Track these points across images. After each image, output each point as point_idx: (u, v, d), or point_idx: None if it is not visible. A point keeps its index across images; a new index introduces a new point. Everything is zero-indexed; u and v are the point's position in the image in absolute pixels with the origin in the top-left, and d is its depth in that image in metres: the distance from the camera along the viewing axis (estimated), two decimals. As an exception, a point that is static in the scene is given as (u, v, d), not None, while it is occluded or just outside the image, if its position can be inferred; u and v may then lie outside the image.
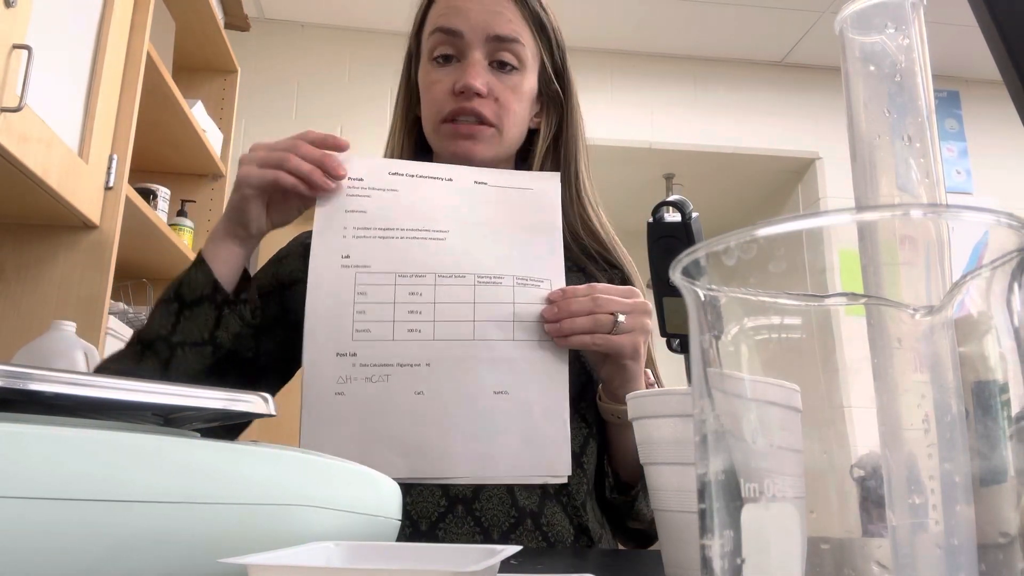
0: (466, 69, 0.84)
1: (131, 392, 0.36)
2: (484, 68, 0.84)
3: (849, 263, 0.23)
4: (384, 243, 0.73)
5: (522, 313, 0.72)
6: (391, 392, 0.69)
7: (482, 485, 0.74)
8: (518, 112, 0.86)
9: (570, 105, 0.92)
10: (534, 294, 0.72)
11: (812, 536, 0.22)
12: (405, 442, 0.68)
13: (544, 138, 0.91)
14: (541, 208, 0.77)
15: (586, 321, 0.70)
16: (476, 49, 0.84)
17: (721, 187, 3.89)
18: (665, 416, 0.48)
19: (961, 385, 0.22)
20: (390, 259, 0.72)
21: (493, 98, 0.84)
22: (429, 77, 0.87)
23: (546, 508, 0.75)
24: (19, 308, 1.48)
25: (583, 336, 0.70)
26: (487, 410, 0.69)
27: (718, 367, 0.23)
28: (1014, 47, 0.34)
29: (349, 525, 0.42)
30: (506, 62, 0.85)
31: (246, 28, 2.76)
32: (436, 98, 0.85)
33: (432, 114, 0.86)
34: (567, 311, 0.70)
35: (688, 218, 0.55)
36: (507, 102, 0.85)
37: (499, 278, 0.72)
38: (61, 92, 1.39)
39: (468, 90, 0.82)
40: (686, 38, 3.46)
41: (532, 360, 0.71)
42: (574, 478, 0.76)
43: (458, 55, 0.85)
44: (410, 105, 0.93)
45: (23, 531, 0.30)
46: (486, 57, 0.85)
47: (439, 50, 0.86)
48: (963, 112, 3.68)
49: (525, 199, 0.77)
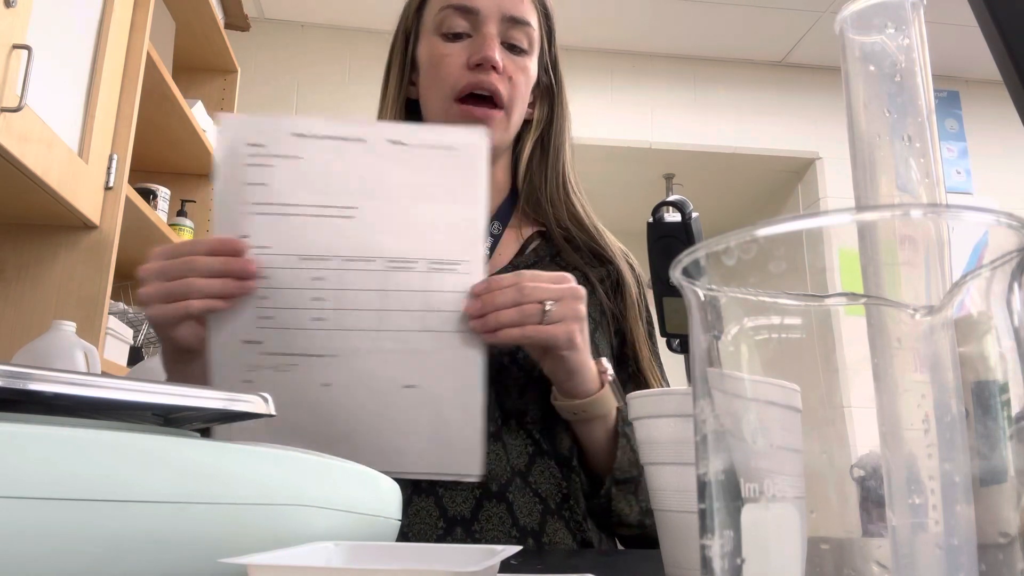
0: (484, 42, 0.81)
1: (131, 392, 0.36)
2: (499, 44, 0.82)
3: (849, 263, 0.23)
4: (286, 221, 0.65)
5: (436, 302, 0.65)
6: (297, 383, 0.65)
7: (480, 505, 0.72)
8: (524, 95, 0.85)
9: (560, 96, 0.91)
10: (449, 280, 0.66)
11: (812, 536, 0.22)
12: (314, 436, 0.64)
13: (535, 129, 0.90)
14: (464, 173, 0.68)
15: (512, 313, 0.64)
16: (491, 25, 0.82)
17: (721, 187, 3.89)
18: (665, 416, 0.48)
19: (961, 385, 0.22)
20: (292, 239, 0.65)
21: (507, 76, 0.82)
22: (438, 50, 0.83)
23: (548, 526, 0.73)
24: (19, 308, 1.48)
25: (511, 330, 0.64)
26: (395, 405, 0.65)
27: (718, 367, 0.23)
28: (1014, 47, 0.34)
29: (349, 525, 0.42)
30: (517, 44, 0.84)
31: (246, 28, 2.76)
32: (449, 72, 0.82)
33: (443, 89, 0.82)
34: (491, 304, 0.64)
35: (688, 218, 0.55)
36: (518, 83, 0.83)
37: (411, 263, 0.66)
38: (61, 92, 1.39)
39: (487, 62, 0.80)
40: (686, 38, 3.46)
41: (445, 353, 0.65)
42: (573, 489, 0.76)
43: (471, 32, 0.83)
44: (402, 85, 0.89)
45: (23, 531, 0.30)
46: (499, 36, 0.83)
47: (449, 25, 0.83)
48: (963, 112, 3.68)
49: (447, 162, 0.68)
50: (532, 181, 0.90)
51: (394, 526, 0.47)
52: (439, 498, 0.72)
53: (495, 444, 0.74)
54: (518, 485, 0.74)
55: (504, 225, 0.88)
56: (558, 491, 0.75)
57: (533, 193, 0.89)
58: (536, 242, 0.88)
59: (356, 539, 0.42)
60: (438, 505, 0.72)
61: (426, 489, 0.72)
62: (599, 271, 0.87)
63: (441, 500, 0.72)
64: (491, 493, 0.72)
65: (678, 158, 3.61)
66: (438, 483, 0.72)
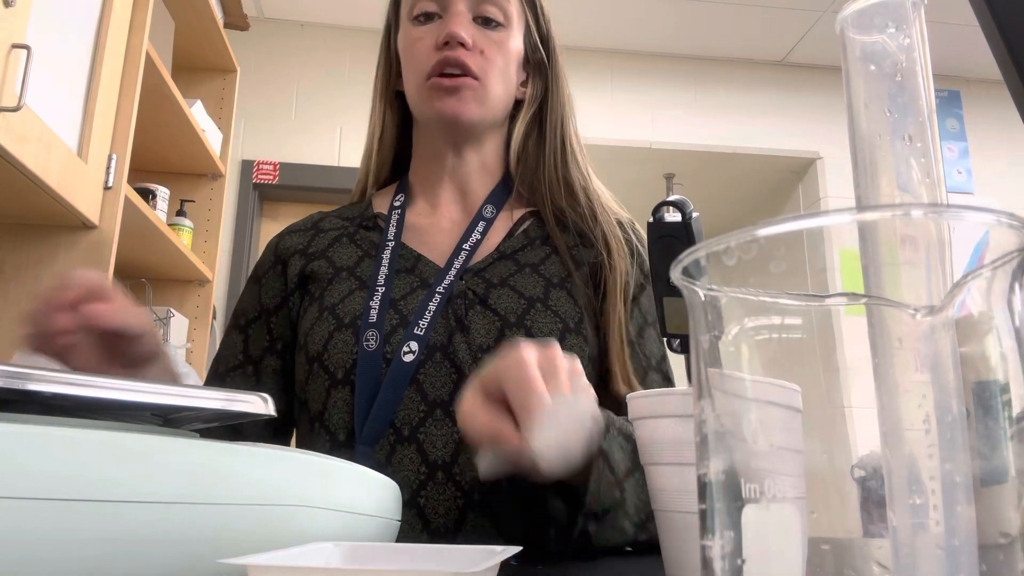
0: (449, 20, 0.81)
1: (130, 392, 0.36)
2: (468, 21, 0.82)
3: (849, 263, 0.23)
4: None
5: None
6: None
7: (464, 516, 0.69)
8: (503, 69, 0.84)
9: (555, 72, 0.90)
10: None
11: (813, 536, 0.22)
12: None
13: (528, 106, 0.88)
14: None
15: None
16: (459, 3, 0.82)
17: (721, 187, 3.89)
18: (665, 416, 0.48)
19: (962, 385, 0.22)
20: None
21: (478, 51, 0.82)
22: (410, 36, 0.84)
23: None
24: (19, 308, 1.48)
25: None
26: None
27: (718, 367, 0.23)
28: (1015, 47, 0.34)
29: (349, 525, 0.42)
30: (491, 17, 0.83)
31: (245, 28, 2.76)
32: (419, 56, 0.82)
33: (416, 74, 0.83)
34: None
35: (688, 218, 0.55)
36: (492, 55, 0.82)
37: None
38: (60, 92, 1.39)
39: (452, 39, 0.80)
40: (686, 38, 3.46)
41: None
42: None
43: (440, 12, 0.83)
44: (390, 79, 0.90)
45: (23, 531, 0.30)
46: (470, 11, 0.83)
47: (419, 8, 0.84)
48: (964, 112, 3.68)
49: None
50: (527, 163, 0.88)
51: (394, 526, 0.47)
52: (421, 509, 0.71)
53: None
54: (502, 492, 0.71)
55: (498, 209, 0.87)
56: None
57: (527, 174, 0.88)
58: (528, 223, 0.86)
59: (356, 539, 0.42)
60: (420, 517, 0.70)
61: (408, 501, 0.71)
62: (591, 251, 0.84)
63: (424, 511, 0.71)
64: (474, 503, 0.71)
65: (678, 158, 3.61)
66: (419, 494, 0.71)
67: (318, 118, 3.21)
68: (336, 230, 0.88)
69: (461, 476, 0.71)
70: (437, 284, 0.78)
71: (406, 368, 0.73)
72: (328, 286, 0.81)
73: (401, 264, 0.81)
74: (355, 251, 0.85)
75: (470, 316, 0.76)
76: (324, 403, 0.75)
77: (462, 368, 0.74)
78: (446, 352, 0.75)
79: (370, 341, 0.75)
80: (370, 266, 0.82)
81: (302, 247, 0.87)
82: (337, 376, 0.75)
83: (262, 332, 0.84)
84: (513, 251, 0.83)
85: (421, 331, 0.75)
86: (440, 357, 0.74)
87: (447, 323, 0.76)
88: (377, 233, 0.86)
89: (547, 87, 0.89)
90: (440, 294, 0.77)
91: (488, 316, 0.76)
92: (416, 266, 0.81)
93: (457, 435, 0.72)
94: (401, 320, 0.76)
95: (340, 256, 0.84)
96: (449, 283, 0.78)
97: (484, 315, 0.77)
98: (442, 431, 0.72)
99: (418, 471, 0.71)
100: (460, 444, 0.72)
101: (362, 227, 0.87)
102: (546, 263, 0.82)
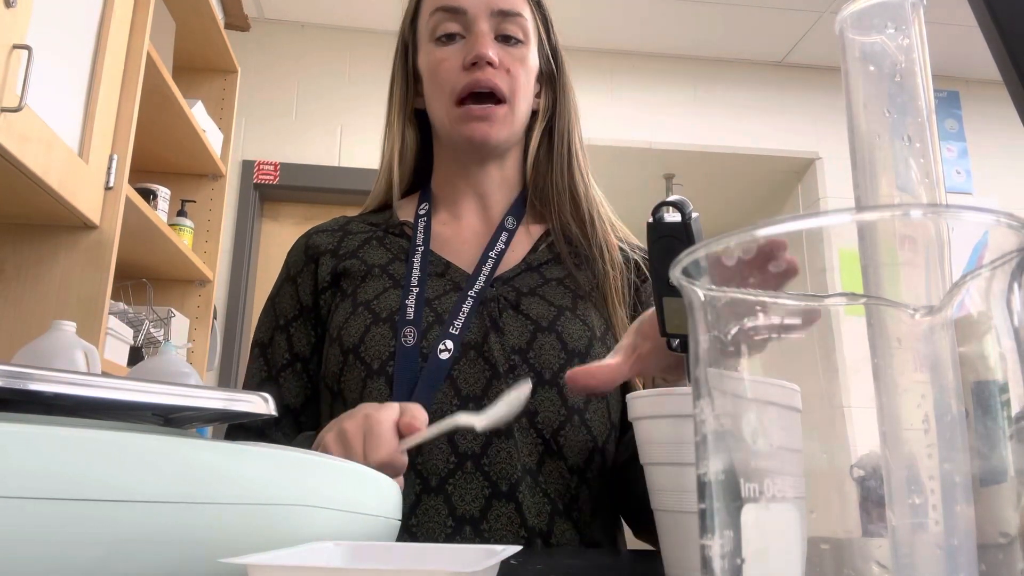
0: (476, 40, 0.82)
1: (131, 392, 0.36)
2: (492, 40, 0.83)
3: (849, 263, 0.23)
4: None
5: None
6: None
7: (489, 505, 0.72)
8: (526, 86, 0.86)
9: (563, 82, 0.91)
10: None
11: (812, 536, 0.22)
12: None
13: (541, 118, 0.90)
14: None
15: None
16: (482, 22, 0.83)
17: (721, 187, 3.89)
18: (664, 416, 0.48)
19: (961, 385, 0.22)
20: None
21: (504, 69, 0.83)
22: (434, 56, 0.85)
23: (556, 526, 0.73)
24: (19, 308, 1.48)
25: None
26: None
27: (718, 367, 0.23)
28: (1014, 47, 0.34)
29: (349, 525, 0.42)
30: (511, 35, 0.85)
31: (246, 28, 2.77)
32: (447, 77, 0.83)
33: (444, 95, 0.84)
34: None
35: (688, 218, 0.55)
36: (517, 74, 0.84)
37: None
38: (61, 92, 1.39)
39: (480, 59, 0.81)
40: (686, 38, 3.46)
41: None
42: (582, 492, 0.76)
43: (463, 32, 0.84)
44: (408, 96, 0.91)
45: (23, 531, 0.30)
46: (492, 30, 0.84)
47: (442, 29, 0.85)
48: (963, 112, 3.68)
49: None
50: (539, 171, 0.90)
51: (394, 526, 0.47)
52: (448, 496, 0.72)
53: (506, 442, 0.74)
54: (528, 484, 0.73)
55: (518, 221, 0.89)
56: (567, 491, 0.75)
57: (539, 182, 0.90)
58: (551, 238, 0.89)
59: (356, 539, 0.42)
60: (447, 504, 0.72)
61: (435, 488, 0.72)
62: (596, 265, 0.86)
63: (450, 499, 0.72)
64: (500, 493, 0.72)
65: (678, 158, 3.61)
66: (447, 482, 0.72)
67: (318, 118, 3.21)
68: (364, 232, 0.90)
69: (490, 467, 0.73)
70: (469, 288, 0.81)
71: (442, 364, 0.76)
72: (362, 283, 0.83)
73: (431, 268, 0.84)
74: (385, 253, 0.87)
75: (504, 318, 0.79)
76: (360, 392, 0.77)
77: (496, 366, 0.76)
78: (480, 351, 0.77)
79: (408, 337, 0.77)
80: (401, 267, 0.84)
81: (332, 247, 0.88)
82: (373, 367, 0.77)
83: (307, 328, 0.86)
84: (539, 264, 0.86)
85: (456, 330, 0.78)
86: (474, 355, 0.77)
87: (482, 323, 0.79)
88: (405, 240, 0.88)
89: (556, 96, 0.91)
90: (472, 297, 0.80)
91: (521, 319, 0.79)
92: (447, 271, 0.84)
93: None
94: (437, 318, 0.79)
95: (371, 256, 0.86)
96: (480, 288, 0.81)
97: (517, 319, 0.80)
98: None
99: (447, 460, 0.73)
100: (490, 436, 0.74)
101: (390, 233, 0.89)
102: (570, 278, 0.85)
